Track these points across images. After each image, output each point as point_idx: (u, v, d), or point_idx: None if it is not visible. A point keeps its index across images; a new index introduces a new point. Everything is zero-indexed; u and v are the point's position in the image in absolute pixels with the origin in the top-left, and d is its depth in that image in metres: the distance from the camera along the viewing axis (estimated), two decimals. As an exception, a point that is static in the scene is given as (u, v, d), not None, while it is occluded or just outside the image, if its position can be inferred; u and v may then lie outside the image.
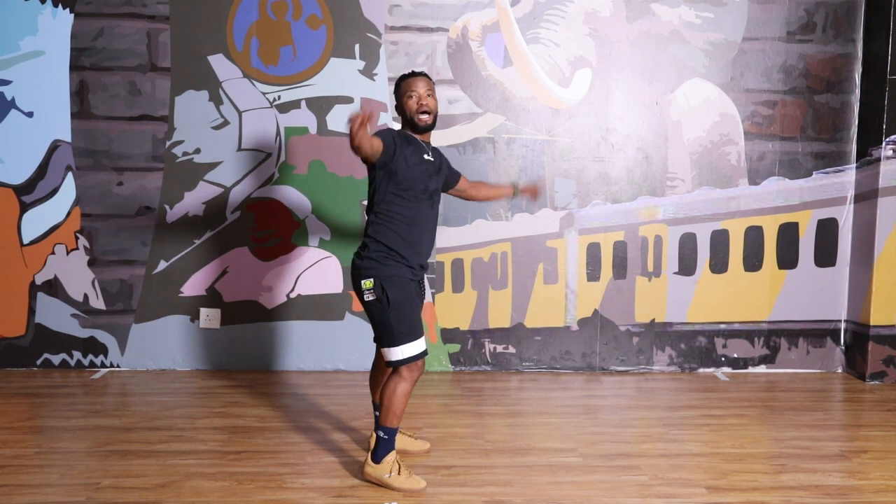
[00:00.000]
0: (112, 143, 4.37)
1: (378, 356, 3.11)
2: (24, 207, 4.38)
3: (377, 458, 2.83)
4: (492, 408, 3.85)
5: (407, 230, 2.80)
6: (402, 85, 2.85)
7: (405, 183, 2.77)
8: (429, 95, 2.82)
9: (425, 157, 2.84)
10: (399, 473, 2.80)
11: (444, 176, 3.01)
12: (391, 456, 2.82)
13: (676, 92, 4.44)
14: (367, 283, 2.77)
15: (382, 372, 3.09)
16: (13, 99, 4.32)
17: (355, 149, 2.55)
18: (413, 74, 2.86)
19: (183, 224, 4.41)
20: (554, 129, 4.44)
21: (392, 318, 2.75)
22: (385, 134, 2.74)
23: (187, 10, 4.31)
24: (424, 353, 2.82)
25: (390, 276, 2.77)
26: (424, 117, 2.80)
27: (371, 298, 2.77)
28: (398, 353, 2.76)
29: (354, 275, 2.83)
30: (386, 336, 2.78)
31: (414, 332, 2.79)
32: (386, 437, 2.82)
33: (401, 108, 2.85)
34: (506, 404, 3.92)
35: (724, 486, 2.85)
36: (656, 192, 4.49)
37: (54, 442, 3.30)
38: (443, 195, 3.21)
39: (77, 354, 4.47)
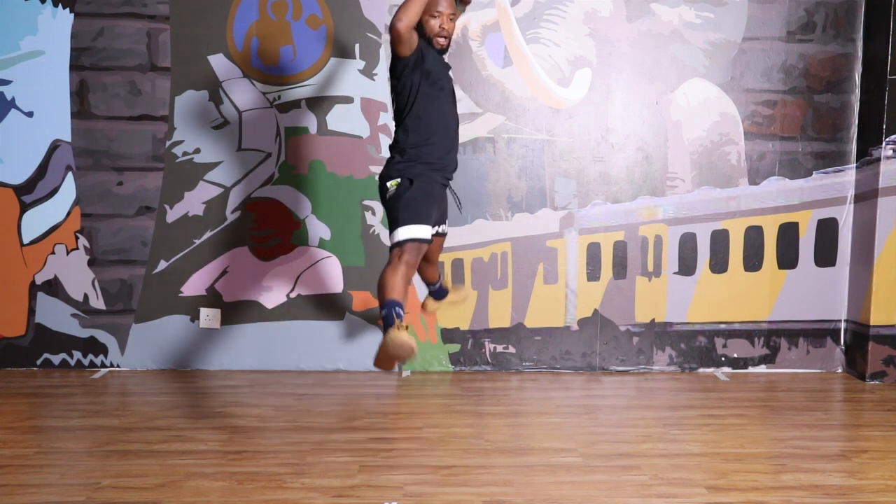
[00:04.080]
0: (112, 143, 4.37)
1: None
2: (24, 207, 4.38)
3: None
4: (492, 408, 3.85)
5: (437, 135, 2.84)
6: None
7: (433, 77, 2.80)
8: (451, 19, 2.84)
9: (443, 58, 2.95)
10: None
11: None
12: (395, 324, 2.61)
13: (676, 92, 4.44)
14: (393, 183, 2.78)
15: (428, 264, 3.08)
16: (13, 99, 4.32)
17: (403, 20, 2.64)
18: None
19: (183, 224, 4.41)
20: (554, 128, 4.44)
21: (401, 203, 2.75)
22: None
23: (187, 10, 4.31)
24: (425, 241, 2.76)
25: (419, 174, 2.80)
26: (442, 41, 2.84)
27: (392, 192, 2.78)
28: (395, 235, 2.74)
29: (382, 183, 2.82)
30: (392, 221, 2.77)
31: (418, 217, 2.75)
32: (384, 311, 2.63)
33: (420, 20, 2.82)
34: (506, 404, 3.92)
35: (724, 486, 2.85)
36: (656, 192, 4.49)
37: (54, 442, 3.30)
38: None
39: (77, 354, 4.47)
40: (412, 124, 2.84)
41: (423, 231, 2.76)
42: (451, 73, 3.14)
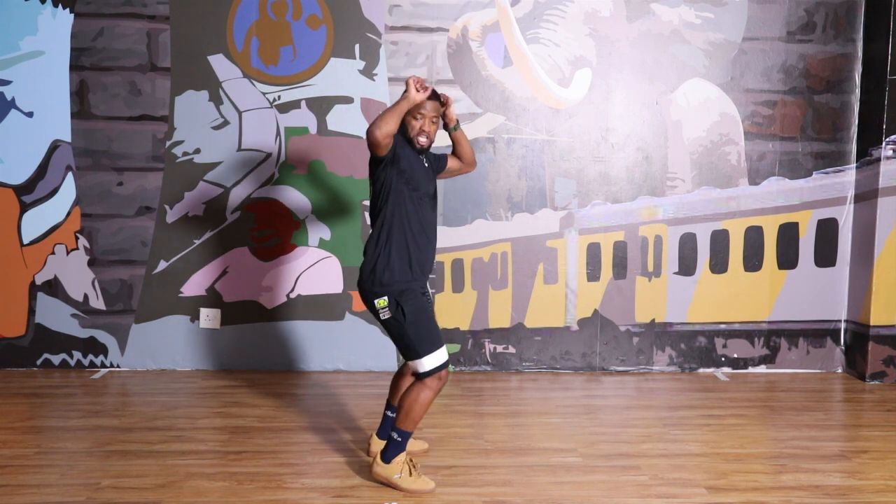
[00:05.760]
0: (112, 143, 4.37)
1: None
2: (24, 207, 4.38)
3: (387, 459, 2.81)
4: (492, 408, 3.85)
5: (414, 238, 2.80)
6: None
7: (413, 181, 2.77)
8: (433, 122, 2.81)
9: (424, 162, 2.89)
10: (410, 475, 2.80)
11: (436, 176, 3.02)
12: (402, 457, 2.81)
13: (676, 92, 4.44)
14: (381, 302, 2.77)
15: (407, 378, 3.07)
16: (13, 99, 4.32)
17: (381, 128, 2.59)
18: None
19: (183, 224, 4.41)
20: (554, 129, 4.44)
21: (411, 333, 2.76)
22: None
23: (187, 10, 4.31)
24: (447, 363, 2.82)
25: (402, 291, 2.77)
26: (423, 140, 2.81)
27: (387, 316, 2.77)
28: (422, 364, 2.76)
29: (366, 293, 2.82)
30: (409, 350, 2.79)
31: (435, 342, 2.78)
32: (400, 439, 2.81)
33: (402, 120, 2.78)
34: (506, 404, 3.92)
35: (724, 486, 2.85)
36: (656, 192, 4.49)
37: (54, 442, 3.30)
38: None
39: (77, 354, 4.46)
40: (393, 224, 2.78)
41: (445, 353, 2.82)
42: (435, 179, 2.99)
